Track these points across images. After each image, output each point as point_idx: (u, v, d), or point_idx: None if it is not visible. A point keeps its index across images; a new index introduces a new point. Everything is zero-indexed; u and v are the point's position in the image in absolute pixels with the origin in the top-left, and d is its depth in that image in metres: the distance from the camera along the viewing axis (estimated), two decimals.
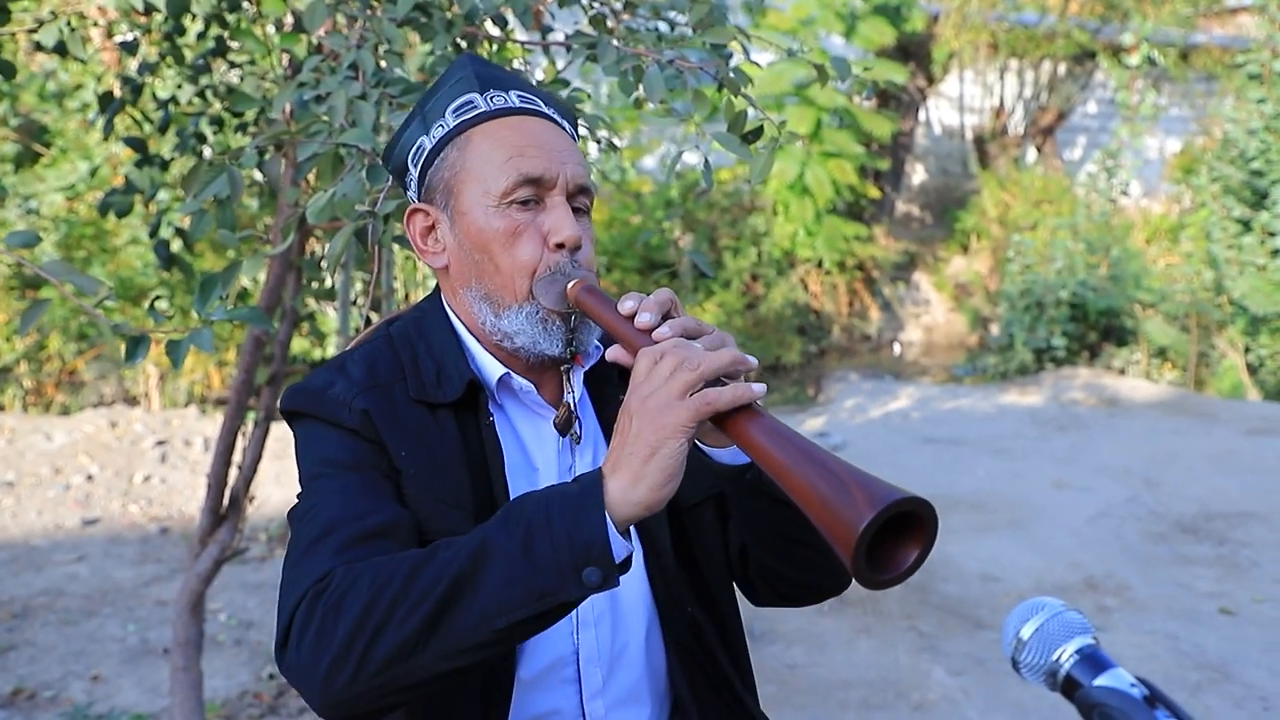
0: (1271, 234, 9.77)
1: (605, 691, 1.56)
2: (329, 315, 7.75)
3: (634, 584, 1.59)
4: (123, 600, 5.11)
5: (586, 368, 1.59)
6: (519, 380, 1.55)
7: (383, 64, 2.22)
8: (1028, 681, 1.02)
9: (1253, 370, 9.80)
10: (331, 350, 7.90)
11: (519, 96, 1.54)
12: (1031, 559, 5.29)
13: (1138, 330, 10.48)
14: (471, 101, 1.55)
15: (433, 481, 1.48)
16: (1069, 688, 0.98)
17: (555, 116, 1.55)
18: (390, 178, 1.93)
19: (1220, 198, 10.26)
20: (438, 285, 1.63)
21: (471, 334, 1.57)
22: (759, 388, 1.25)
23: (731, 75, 2.28)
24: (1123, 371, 10.34)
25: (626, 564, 1.26)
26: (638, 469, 1.23)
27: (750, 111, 2.25)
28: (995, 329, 11.82)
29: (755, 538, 1.56)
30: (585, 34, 2.44)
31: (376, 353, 1.57)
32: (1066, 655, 0.99)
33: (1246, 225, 10.11)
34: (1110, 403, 8.92)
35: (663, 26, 2.63)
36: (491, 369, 1.55)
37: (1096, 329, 10.72)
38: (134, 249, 7.44)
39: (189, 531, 5.99)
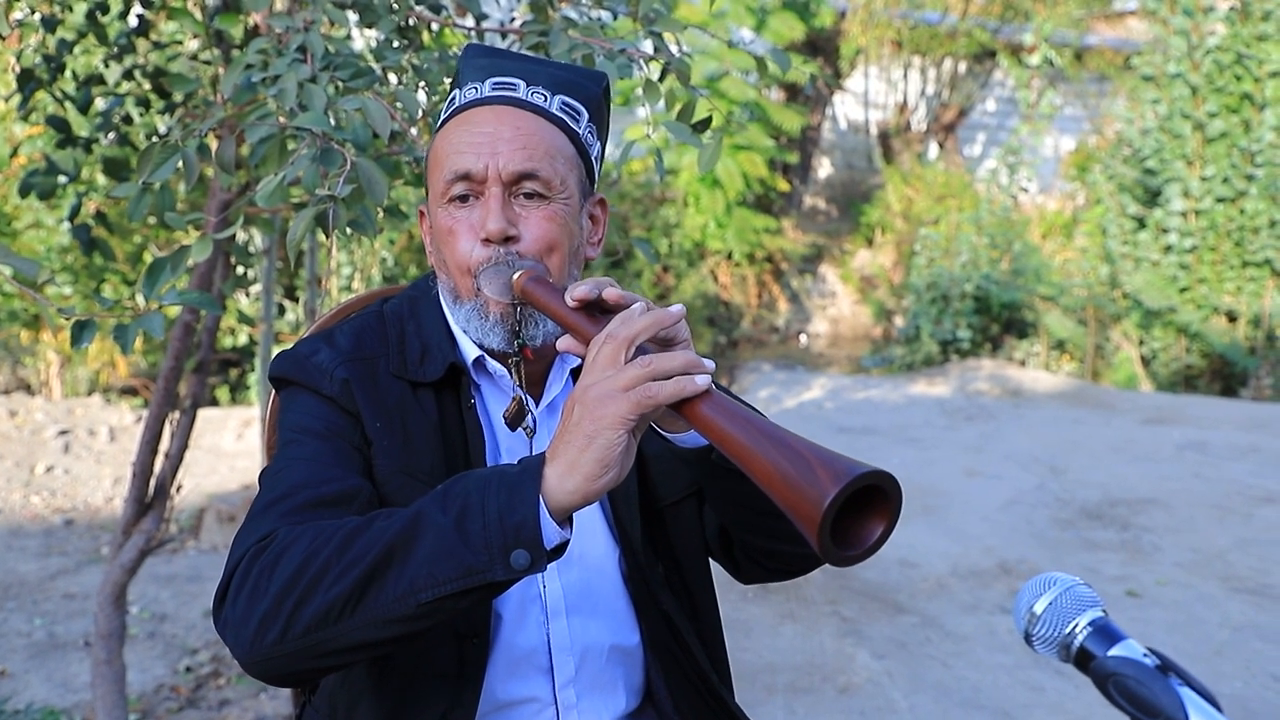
0: (1165, 231, 10.11)
1: (578, 680, 1.58)
2: (241, 301, 7.60)
3: (610, 577, 1.61)
4: (27, 594, 4.95)
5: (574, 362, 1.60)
6: (492, 364, 1.58)
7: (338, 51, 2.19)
8: (1040, 655, 1.06)
9: (1146, 362, 10.14)
10: (244, 338, 7.74)
11: (494, 85, 1.55)
12: (947, 545, 5.42)
13: (1038, 323, 10.77)
14: (452, 99, 1.59)
15: (404, 454, 1.51)
16: (1083, 659, 1.01)
17: (530, 99, 1.54)
18: (347, 157, 1.93)
19: (1115, 195, 10.59)
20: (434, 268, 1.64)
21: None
22: (703, 380, 1.24)
23: (680, 66, 2.30)
24: (1023, 363, 10.62)
25: (559, 550, 1.26)
26: (574, 458, 1.23)
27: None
28: (900, 321, 12.04)
29: (731, 516, 1.58)
30: (532, 22, 2.44)
31: (366, 326, 1.60)
32: (1080, 628, 1.02)
33: (1141, 222, 10.45)
34: (1014, 393, 9.17)
35: (604, 16, 2.63)
36: (470, 352, 1.58)
37: (999, 321, 10.98)
38: (35, 233, 7.19)
39: (95, 523, 5.82)
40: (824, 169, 16.06)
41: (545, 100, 1.54)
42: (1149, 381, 9.97)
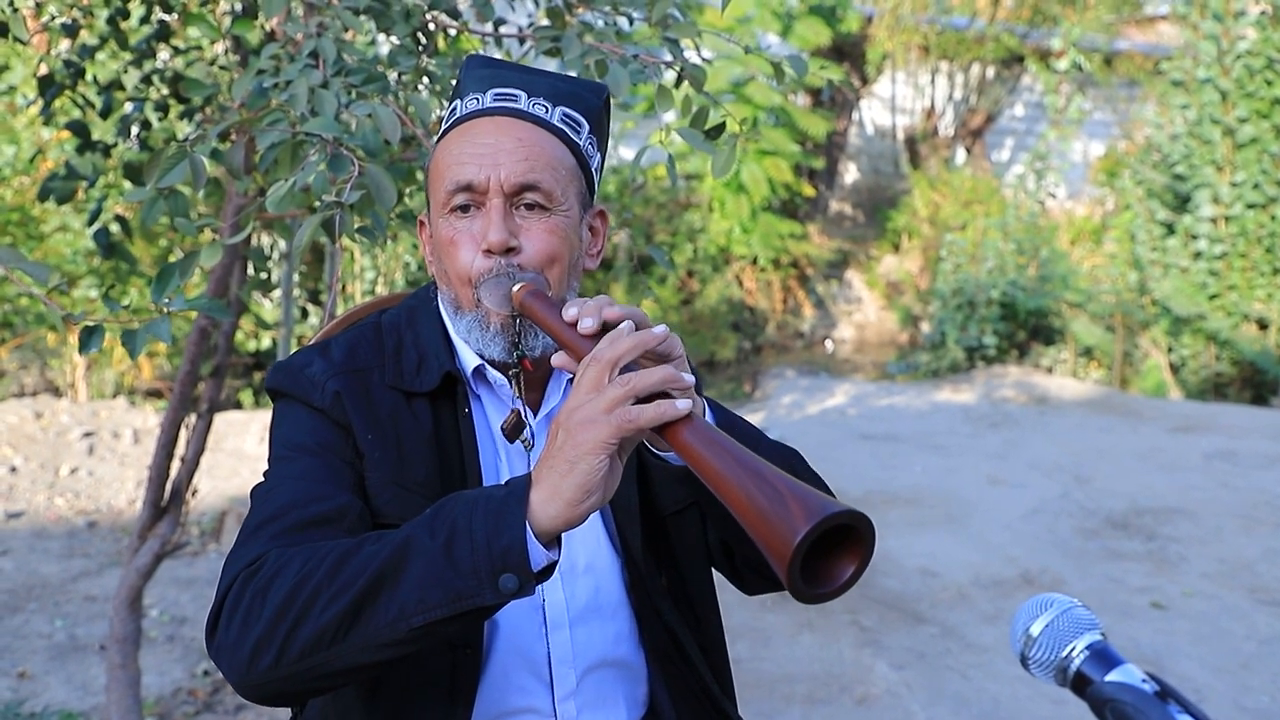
0: (1194, 237, 10.01)
1: (579, 693, 1.56)
2: (264, 306, 7.63)
3: (612, 589, 1.60)
4: (49, 596, 4.98)
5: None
6: (492, 373, 1.57)
7: (347, 58, 2.19)
8: (1036, 678, 1.03)
9: (1175, 370, 10.04)
10: (267, 341, 7.78)
11: (495, 96, 1.55)
12: (969, 554, 5.37)
13: (1065, 330, 10.68)
14: (454, 109, 1.59)
15: (397, 466, 1.51)
16: (1080, 684, 0.98)
17: (532, 110, 1.54)
18: (355, 163, 1.93)
19: (1144, 201, 10.49)
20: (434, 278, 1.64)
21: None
22: (684, 404, 1.23)
23: (694, 72, 2.29)
24: (1050, 370, 10.54)
25: (546, 573, 1.27)
26: (556, 483, 1.24)
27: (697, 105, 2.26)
28: (926, 327, 11.98)
29: (728, 529, 1.57)
30: (546, 27, 2.43)
31: (361, 338, 1.60)
32: (1077, 651, 1.00)
33: (1170, 228, 10.35)
34: (1040, 400, 9.09)
35: (621, 22, 2.62)
36: (469, 362, 1.58)
37: (1025, 328, 10.91)
38: (62, 236, 7.25)
39: (117, 525, 5.85)
40: (850, 174, 16.00)
41: (546, 112, 1.54)
42: (1178, 389, 9.86)
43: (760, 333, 12.65)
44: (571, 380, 1.59)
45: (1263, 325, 9.77)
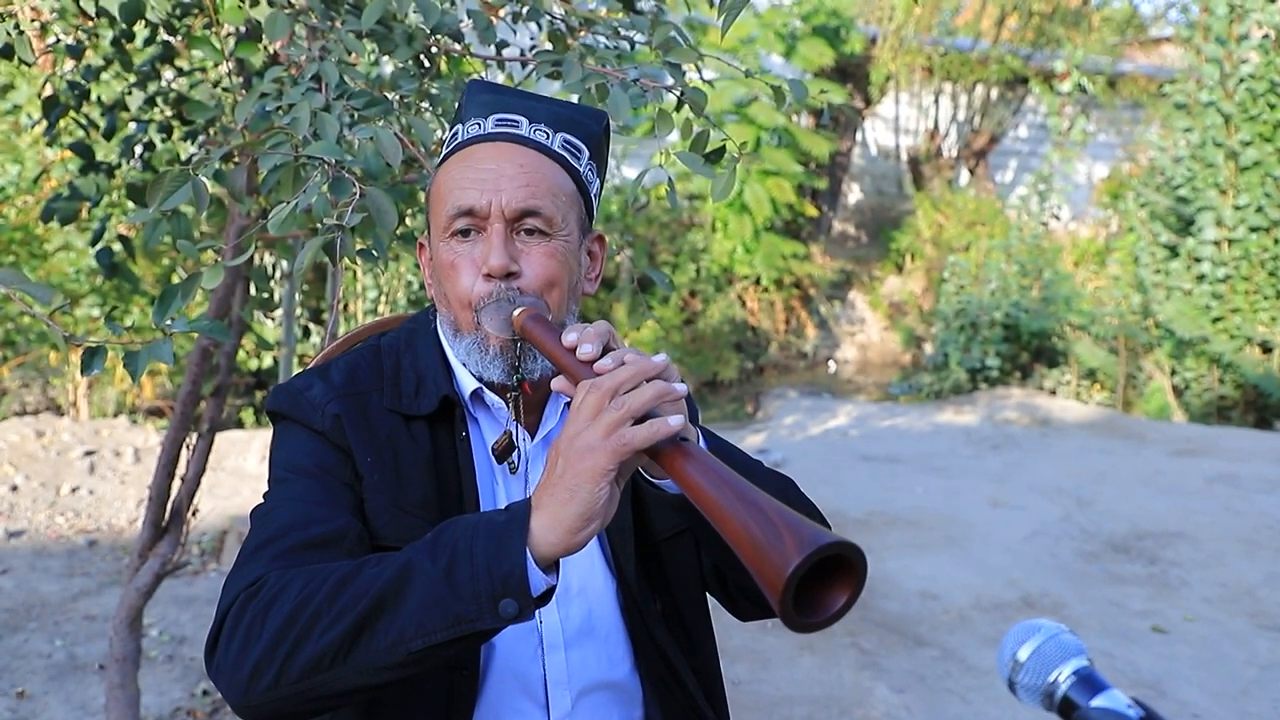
0: (1197, 260, 10.01)
1: (574, 715, 1.57)
2: (266, 325, 7.65)
3: (607, 612, 1.61)
4: (49, 615, 4.97)
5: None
6: (490, 397, 1.59)
7: (349, 81, 2.20)
8: (1023, 703, 1.04)
9: (1178, 392, 10.03)
10: (269, 360, 7.79)
11: (497, 121, 1.57)
12: (969, 576, 5.36)
13: (1068, 352, 10.68)
14: (455, 133, 1.60)
15: (396, 488, 1.52)
16: (1066, 709, 0.99)
17: (533, 136, 1.56)
18: (356, 186, 1.95)
19: (1148, 223, 10.50)
20: (433, 301, 1.66)
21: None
22: (676, 421, 1.25)
23: (695, 96, 2.30)
24: (1053, 392, 10.53)
25: (545, 597, 1.28)
26: (557, 510, 1.25)
27: (698, 128, 2.27)
28: (929, 348, 11.98)
29: (721, 556, 1.58)
30: (547, 51, 2.44)
31: (360, 361, 1.62)
32: (1063, 676, 1.01)
33: (1173, 251, 10.35)
34: (1042, 422, 9.09)
35: (622, 45, 2.63)
36: (467, 385, 1.59)
37: (1028, 350, 10.91)
38: (65, 255, 7.27)
39: (118, 544, 5.85)
40: (854, 195, 16.04)
41: (547, 138, 1.56)
42: (1181, 412, 9.85)
43: (763, 353, 12.66)
44: (569, 404, 1.61)
45: (1266, 348, 9.77)
